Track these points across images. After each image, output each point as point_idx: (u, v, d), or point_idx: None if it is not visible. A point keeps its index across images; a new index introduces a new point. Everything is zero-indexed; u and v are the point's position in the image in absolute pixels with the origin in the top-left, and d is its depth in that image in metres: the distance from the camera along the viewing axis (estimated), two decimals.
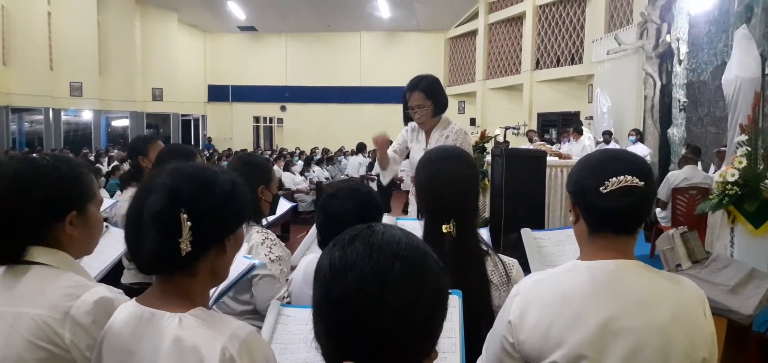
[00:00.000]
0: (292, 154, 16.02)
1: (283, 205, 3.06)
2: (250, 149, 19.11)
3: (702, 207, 4.96)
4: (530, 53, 17.30)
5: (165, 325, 1.12)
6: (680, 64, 9.93)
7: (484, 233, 2.07)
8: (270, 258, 2.20)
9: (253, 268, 1.89)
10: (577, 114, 15.32)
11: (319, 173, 12.89)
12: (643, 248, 6.71)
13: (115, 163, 10.96)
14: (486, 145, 6.41)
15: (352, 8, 20.56)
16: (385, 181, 3.91)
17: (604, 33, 13.64)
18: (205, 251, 1.17)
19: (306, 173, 12.41)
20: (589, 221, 1.37)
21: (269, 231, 2.33)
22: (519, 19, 18.13)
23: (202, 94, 24.15)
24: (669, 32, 10.17)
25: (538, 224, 6.00)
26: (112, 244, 2.43)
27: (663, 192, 6.60)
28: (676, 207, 6.46)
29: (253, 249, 2.22)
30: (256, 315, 2.16)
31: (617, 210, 1.30)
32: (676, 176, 6.54)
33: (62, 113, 18.53)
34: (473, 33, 20.54)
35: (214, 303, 1.84)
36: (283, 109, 23.74)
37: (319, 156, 15.38)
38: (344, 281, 0.84)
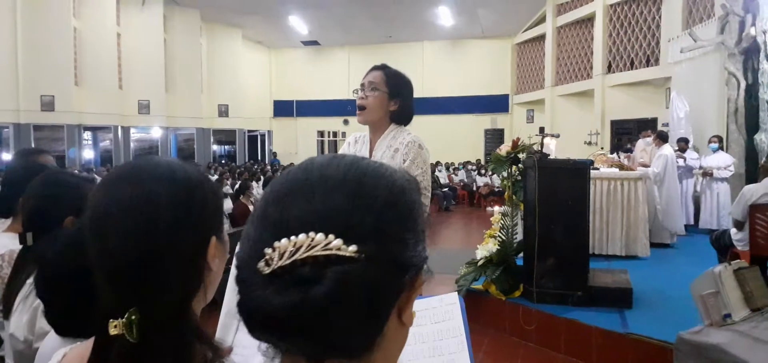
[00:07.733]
0: None
1: None
2: None
3: None
4: (601, 56, 16.12)
5: None
6: None
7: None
8: None
9: None
10: (653, 120, 14.00)
11: None
12: None
13: None
14: (520, 155, 5.57)
15: (413, 18, 20.04)
16: None
17: (682, 30, 12.32)
18: None
19: None
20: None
21: None
22: (589, 20, 16.97)
23: (267, 109, 24.44)
24: (754, 24, 8.92)
25: (580, 249, 5.15)
26: None
27: (738, 210, 5.52)
28: (755, 228, 5.37)
29: None
30: None
31: (282, 317, 0.53)
32: (754, 191, 5.44)
33: (131, 130, 19.17)
34: (541, 37, 19.53)
35: None
36: (346, 122, 23.52)
37: None
38: None
